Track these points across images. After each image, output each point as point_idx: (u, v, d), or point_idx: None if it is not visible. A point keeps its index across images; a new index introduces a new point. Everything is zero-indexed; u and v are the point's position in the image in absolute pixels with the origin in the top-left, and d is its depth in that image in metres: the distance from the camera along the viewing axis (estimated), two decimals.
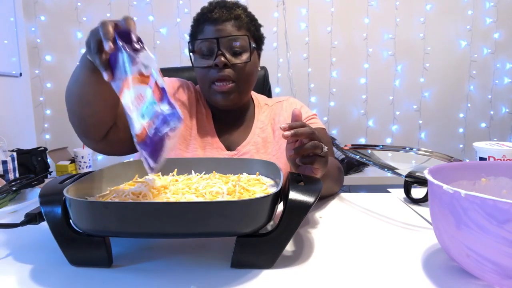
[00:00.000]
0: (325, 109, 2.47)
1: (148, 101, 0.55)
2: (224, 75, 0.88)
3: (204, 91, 0.94)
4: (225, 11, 0.91)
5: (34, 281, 0.46)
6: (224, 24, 0.90)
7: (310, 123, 0.99)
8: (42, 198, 0.51)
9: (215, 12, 0.90)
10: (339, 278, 0.46)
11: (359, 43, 2.42)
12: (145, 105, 0.55)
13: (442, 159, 0.67)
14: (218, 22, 0.90)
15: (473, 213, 0.39)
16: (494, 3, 2.38)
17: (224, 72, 0.88)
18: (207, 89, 0.92)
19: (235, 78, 0.90)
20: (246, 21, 0.93)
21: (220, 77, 0.88)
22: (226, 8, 0.92)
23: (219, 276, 0.46)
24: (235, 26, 0.91)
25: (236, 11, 0.92)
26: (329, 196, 0.86)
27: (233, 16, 0.91)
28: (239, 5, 0.96)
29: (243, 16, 0.93)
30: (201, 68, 0.91)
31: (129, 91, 0.55)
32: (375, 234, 0.61)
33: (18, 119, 2.29)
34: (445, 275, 0.46)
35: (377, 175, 2.14)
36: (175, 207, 0.44)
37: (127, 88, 0.56)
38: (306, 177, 0.57)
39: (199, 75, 0.93)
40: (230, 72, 0.89)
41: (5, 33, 2.18)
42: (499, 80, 2.45)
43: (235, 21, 0.91)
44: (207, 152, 0.93)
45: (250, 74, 0.93)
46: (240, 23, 0.92)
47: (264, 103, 1.06)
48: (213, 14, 0.90)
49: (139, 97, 0.55)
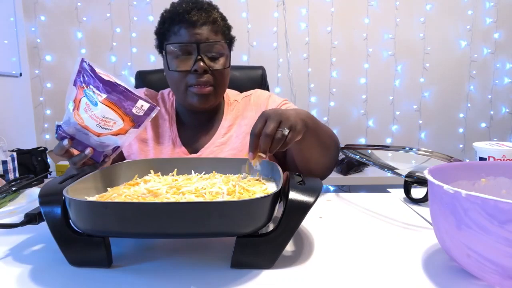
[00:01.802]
0: (325, 109, 2.47)
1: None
2: (203, 80, 0.87)
3: (179, 93, 0.92)
4: (204, 14, 0.89)
5: (33, 281, 0.46)
6: (203, 28, 0.88)
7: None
8: (41, 198, 0.51)
9: (193, 14, 0.88)
10: (339, 278, 0.46)
11: (359, 43, 2.42)
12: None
13: (442, 159, 0.67)
14: (196, 25, 0.88)
15: (474, 214, 0.39)
16: (494, 3, 2.38)
17: (203, 78, 0.87)
18: (182, 92, 0.91)
19: (213, 83, 0.89)
20: (222, 24, 0.92)
21: (199, 82, 0.87)
22: (204, 11, 0.89)
23: (219, 276, 0.46)
24: (213, 31, 0.89)
25: (213, 14, 0.91)
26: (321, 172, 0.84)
27: (210, 20, 0.89)
28: (213, 6, 0.94)
29: (219, 19, 0.92)
30: (177, 72, 0.89)
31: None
32: (375, 234, 0.61)
33: (18, 119, 2.29)
34: (445, 275, 0.46)
35: (377, 175, 2.14)
36: (175, 207, 0.44)
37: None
38: (306, 177, 0.57)
39: (174, 78, 0.90)
40: (209, 77, 0.88)
41: (5, 33, 2.18)
42: (499, 80, 2.45)
43: (213, 25, 0.90)
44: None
45: (226, 78, 0.94)
46: (217, 28, 0.90)
47: (234, 99, 1.04)
48: (191, 16, 0.88)
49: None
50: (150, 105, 0.64)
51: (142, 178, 0.66)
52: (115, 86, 0.62)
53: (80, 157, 0.68)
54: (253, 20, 2.35)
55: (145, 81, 1.26)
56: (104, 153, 0.69)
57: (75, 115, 0.64)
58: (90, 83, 0.62)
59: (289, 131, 0.63)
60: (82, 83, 0.63)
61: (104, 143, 0.67)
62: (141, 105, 0.64)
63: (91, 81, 0.62)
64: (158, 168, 0.71)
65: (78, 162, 0.68)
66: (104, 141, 0.66)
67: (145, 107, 0.64)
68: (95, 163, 0.70)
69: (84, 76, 0.63)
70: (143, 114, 0.64)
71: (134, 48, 2.41)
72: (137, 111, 0.64)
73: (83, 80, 0.63)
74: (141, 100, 0.64)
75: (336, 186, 2.39)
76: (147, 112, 0.64)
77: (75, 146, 0.68)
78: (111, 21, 2.39)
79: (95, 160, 0.69)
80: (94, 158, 0.69)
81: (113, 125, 0.64)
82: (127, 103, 0.63)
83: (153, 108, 0.65)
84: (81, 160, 0.68)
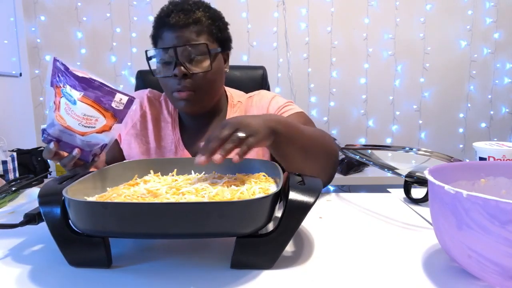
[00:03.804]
0: (325, 109, 2.47)
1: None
2: (184, 86, 0.85)
3: (169, 98, 0.93)
4: (182, 16, 0.85)
5: (33, 282, 0.45)
6: (182, 31, 0.85)
7: (283, 111, 0.94)
8: (41, 199, 0.51)
9: (172, 17, 0.85)
10: (339, 278, 0.46)
11: (359, 43, 2.42)
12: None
13: (442, 159, 0.67)
14: (175, 28, 0.84)
15: (475, 214, 0.38)
16: (494, 3, 2.38)
17: (183, 83, 0.85)
18: (170, 97, 0.91)
19: (195, 88, 0.86)
20: (206, 24, 0.87)
21: (180, 88, 0.85)
22: (184, 12, 0.85)
23: (219, 276, 0.46)
24: (194, 32, 0.85)
25: (195, 14, 0.86)
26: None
27: (191, 21, 0.85)
28: (199, 5, 0.89)
29: (203, 19, 0.87)
30: (162, 77, 0.88)
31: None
32: (375, 234, 0.61)
33: (18, 119, 2.29)
34: (446, 275, 0.46)
35: (377, 175, 2.14)
36: (175, 208, 0.44)
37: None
38: (306, 177, 0.57)
39: (161, 83, 0.90)
40: (190, 82, 0.85)
41: (5, 33, 2.18)
42: (499, 80, 2.45)
43: (194, 26, 0.85)
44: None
45: (212, 81, 0.89)
46: (200, 28, 0.86)
47: (238, 101, 1.02)
48: (170, 19, 0.85)
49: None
50: (129, 97, 0.63)
51: (142, 178, 0.66)
52: (90, 82, 0.61)
53: (69, 158, 0.67)
54: (253, 20, 2.35)
55: (146, 81, 1.26)
56: (92, 152, 0.68)
57: (57, 117, 0.63)
58: (67, 82, 0.61)
59: (249, 135, 0.59)
60: (58, 82, 0.62)
61: (90, 142, 0.66)
62: (120, 99, 0.62)
63: (67, 80, 0.61)
64: (158, 168, 0.71)
65: (67, 163, 0.68)
66: (90, 140, 0.65)
67: (124, 100, 0.62)
68: (85, 163, 0.70)
69: (59, 75, 0.62)
70: (123, 108, 0.63)
71: (134, 48, 2.41)
72: (117, 105, 0.62)
73: (59, 79, 0.62)
74: (119, 94, 0.62)
75: (336, 186, 2.39)
76: (127, 105, 0.63)
77: (62, 148, 0.67)
78: (111, 21, 2.39)
79: (85, 160, 0.69)
80: (83, 158, 0.68)
81: (95, 122, 0.62)
82: (106, 98, 0.61)
83: (132, 101, 0.63)
84: (70, 162, 0.68)
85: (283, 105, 0.96)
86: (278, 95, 1.02)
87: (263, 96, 1.01)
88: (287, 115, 0.93)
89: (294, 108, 0.95)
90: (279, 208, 0.50)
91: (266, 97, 1.00)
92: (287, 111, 0.94)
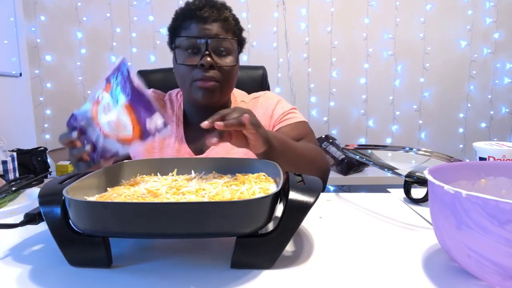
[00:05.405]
0: (325, 109, 2.47)
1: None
2: (209, 76, 0.88)
3: (184, 88, 0.94)
4: (215, 11, 0.90)
5: (33, 282, 0.45)
6: (213, 25, 0.90)
7: (288, 118, 0.98)
8: (41, 198, 0.51)
9: (205, 11, 0.90)
10: (339, 278, 0.46)
11: (359, 43, 2.42)
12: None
13: (442, 159, 0.67)
14: (207, 21, 0.89)
15: (474, 214, 0.38)
16: (494, 3, 2.38)
17: (209, 73, 0.88)
18: (188, 86, 0.92)
19: (219, 79, 0.90)
20: (233, 24, 0.94)
21: (204, 77, 0.88)
22: (216, 8, 0.91)
23: (219, 276, 0.46)
24: (223, 28, 0.91)
25: (224, 13, 0.92)
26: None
27: (222, 18, 0.91)
28: (227, 6, 0.96)
29: (230, 19, 0.93)
30: (185, 66, 0.90)
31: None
32: (375, 234, 0.61)
33: (18, 119, 2.29)
34: (445, 275, 0.46)
35: (377, 175, 2.14)
36: (175, 208, 0.44)
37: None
38: (306, 177, 0.57)
39: (181, 72, 0.92)
40: (215, 73, 0.89)
41: (5, 33, 2.18)
42: (499, 80, 2.45)
43: (223, 23, 0.91)
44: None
45: (233, 76, 0.94)
46: (227, 26, 0.92)
47: (241, 100, 1.05)
48: (203, 13, 0.90)
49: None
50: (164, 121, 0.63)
51: (142, 178, 0.66)
52: (141, 95, 0.62)
53: (80, 150, 0.67)
54: (253, 20, 2.35)
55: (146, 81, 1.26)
56: (101, 154, 0.68)
57: (93, 110, 0.64)
58: (120, 84, 0.63)
59: (251, 123, 0.65)
60: (113, 81, 0.63)
61: (106, 145, 0.66)
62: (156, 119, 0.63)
63: (122, 83, 0.62)
64: (158, 168, 0.71)
65: (76, 155, 0.68)
66: (107, 144, 0.66)
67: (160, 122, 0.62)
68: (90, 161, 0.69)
69: (117, 76, 0.63)
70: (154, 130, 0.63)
71: (134, 48, 2.41)
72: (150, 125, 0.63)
73: (115, 79, 0.63)
74: (158, 114, 0.63)
75: (336, 186, 2.39)
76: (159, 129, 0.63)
77: (81, 140, 0.68)
78: (111, 21, 2.39)
79: (92, 158, 0.69)
80: (91, 156, 0.68)
81: (123, 129, 0.63)
82: (145, 114, 0.62)
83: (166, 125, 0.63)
84: (79, 154, 0.68)
85: (288, 111, 1.00)
86: (283, 99, 1.06)
87: (269, 98, 1.04)
88: (290, 122, 0.98)
89: (297, 117, 0.99)
90: (278, 208, 0.50)
91: (272, 99, 1.04)
92: (290, 118, 0.98)
